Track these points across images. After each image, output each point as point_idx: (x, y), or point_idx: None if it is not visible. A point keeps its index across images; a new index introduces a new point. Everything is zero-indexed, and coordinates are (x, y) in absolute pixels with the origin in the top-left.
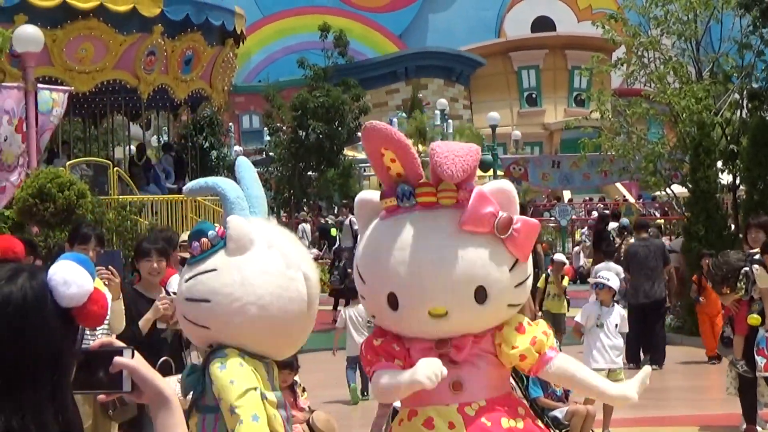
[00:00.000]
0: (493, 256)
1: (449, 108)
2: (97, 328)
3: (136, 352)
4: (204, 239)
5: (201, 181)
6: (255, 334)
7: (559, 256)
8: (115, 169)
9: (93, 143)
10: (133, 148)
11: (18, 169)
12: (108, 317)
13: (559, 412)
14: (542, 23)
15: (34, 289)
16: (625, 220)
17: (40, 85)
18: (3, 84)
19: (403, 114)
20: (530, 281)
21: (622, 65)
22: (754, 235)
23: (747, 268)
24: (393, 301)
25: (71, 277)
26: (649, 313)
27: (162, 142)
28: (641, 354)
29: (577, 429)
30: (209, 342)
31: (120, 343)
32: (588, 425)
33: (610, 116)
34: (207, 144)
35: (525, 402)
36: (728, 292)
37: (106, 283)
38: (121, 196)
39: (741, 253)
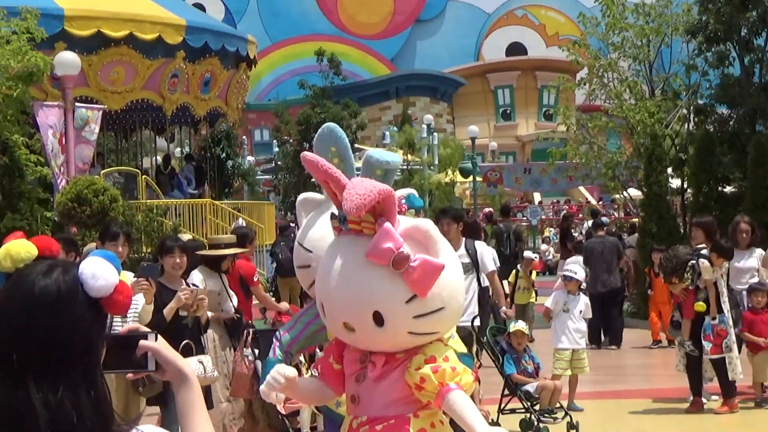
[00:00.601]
0: (389, 287)
1: (435, 122)
2: (128, 315)
3: (159, 336)
4: None
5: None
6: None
7: (528, 253)
8: (144, 177)
9: (124, 154)
10: (159, 158)
11: (60, 176)
12: (138, 310)
13: (531, 387)
14: (515, 48)
15: (67, 283)
16: (605, 219)
17: (77, 104)
18: (45, 103)
19: (395, 128)
20: (443, 314)
21: (584, 84)
22: (694, 233)
23: (694, 262)
24: (323, 309)
25: (99, 272)
26: (606, 301)
27: (184, 153)
28: (602, 336)
29: (546, 401)
30: None
31: (145, 329)
32: (555, 398)
33: (575, 129)
34: (224, 155)
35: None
36: (677, 282)
37: (145, 291)
38: (148, 201)
39: (689, 248)
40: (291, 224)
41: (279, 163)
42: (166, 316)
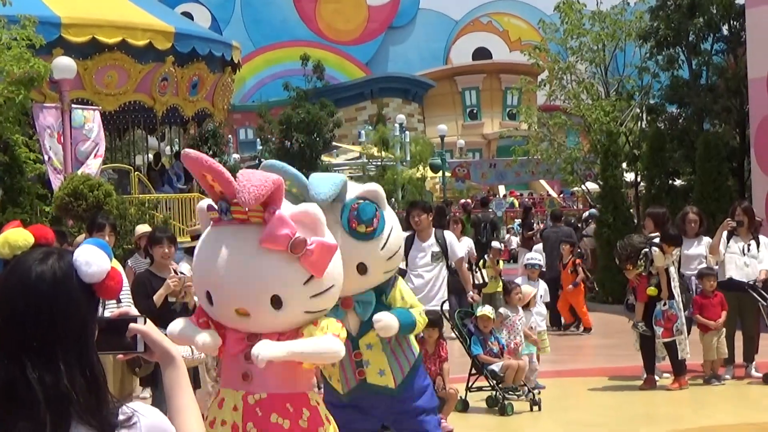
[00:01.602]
0: (287, 271)
1: (406, 122)
2: (122, 300)
3: (147, 319)
4: (377, 212)
5: (331, 188)
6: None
7: (495, 244)
8: (136, 173)
9: (117, 152)
10: (150, 156)
11: (55, 173)
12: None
13: (496, 366)
14: (481, 53)
15: (62, 269)
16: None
17: (74, 106)
18: (44, 105)
19: (370, 127)
20: (333, 291)
21: (545, 86)
22: (646, 223)
23: (647, 250)
24: (209, 298)
25: (92, 259)
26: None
27: (174, 151)
28: (562, 319)
29: (511, 379)
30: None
31: (136, 312)
32: (519, 376)
33: (536, 127)
34: (211, 152)
35: (319, 408)
36: (631, 268)
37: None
38: (140, 195)
39: (642, 236)
40: None
41: (262, 160)
42: (156, 302)
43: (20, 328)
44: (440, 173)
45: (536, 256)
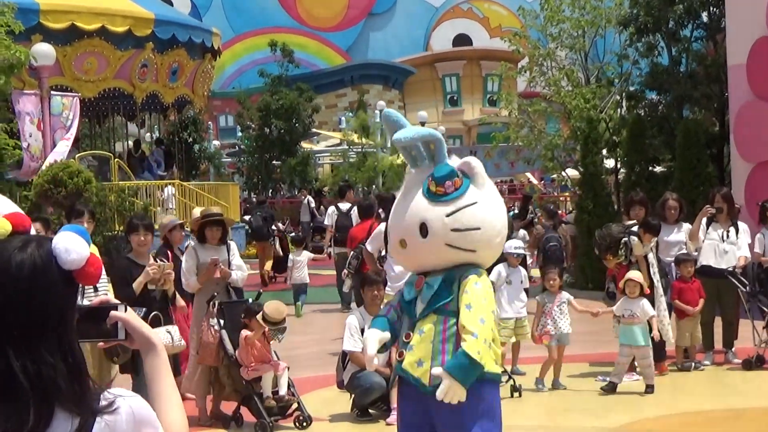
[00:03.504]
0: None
1: (387, 108)
2: (99, 288)
3: (128, 307)
4: (456, 179)
5: (412, 132)
6: (494, 256)
7: None
8: (116, 160)
9: (97, 139)
10: (130, 143)
11: (31, 159)
12: (106, 285)
13: None
14: (461, 39)
15: (42, 257)
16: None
17: (53, 92)
18: (23, 91)
19: (350, 113)
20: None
21: (525, 72)
22: (637, 212)
23: (626, 239)
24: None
25: (71, 246)
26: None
27: (154, 138)
28: None
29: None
30: (466, 262)
31: (116, 300)
32: (499, 363)
33: (516, 113)
34: (191, 139)
35: None
36: (611, 258)
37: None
38: (120, 182)
39: (621, 225)
40: (266, 200)
41: (242, 146)
42: (135, 290)
43: (1, 316)
44: None
45: (519, 243)
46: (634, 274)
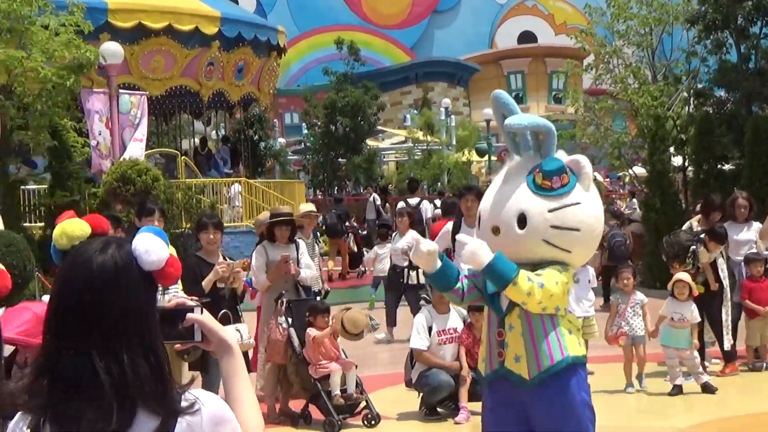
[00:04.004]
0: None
1: (452, 106)
2: (170, 289)
3: (204, 309)
4: (564, 175)
5: (525, 120)
6: (585, 259)
7: None
8: (183, 157)
9: (164, 137)
10: (196, 140)
11: (100, 157)
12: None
13: None
14: (526, 36)
15: (123, 258)
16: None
17: (121, 91)
18: (93, 90)
19: (415, 111)
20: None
21: (591, 69)
22: (715, 216)
23: (694, 247)
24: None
25: (151, 247)
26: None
27: (220, 135)
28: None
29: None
30: (559, 260)
31: (192, 303)
32: None
33: (582, 111)
34: (257, 137)
35: None
36: (678, 266)
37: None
38: (187, 180)
39: (689, 232)
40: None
41: (308, 144)
42: (205, 288)
43: (85, 318)
44: (486, 157)
45: None
46: (683, 275)
